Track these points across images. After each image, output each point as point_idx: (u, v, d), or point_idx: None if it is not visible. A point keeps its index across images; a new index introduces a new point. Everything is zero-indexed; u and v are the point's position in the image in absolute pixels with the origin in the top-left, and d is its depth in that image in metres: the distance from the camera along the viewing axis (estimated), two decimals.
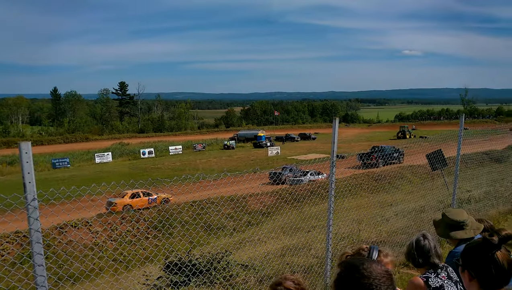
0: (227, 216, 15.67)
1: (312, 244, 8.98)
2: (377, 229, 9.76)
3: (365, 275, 1.55)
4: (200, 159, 56.78)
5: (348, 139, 71.45)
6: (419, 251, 3.05)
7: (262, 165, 43.80)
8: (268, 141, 73.67)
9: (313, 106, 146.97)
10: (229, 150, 70.20)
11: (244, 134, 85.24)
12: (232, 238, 11.28)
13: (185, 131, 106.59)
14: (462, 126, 7.97)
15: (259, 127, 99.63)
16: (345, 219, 9.14)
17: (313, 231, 10.11)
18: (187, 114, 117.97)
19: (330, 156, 5.48)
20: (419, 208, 9.98)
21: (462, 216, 3.34)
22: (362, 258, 1.82)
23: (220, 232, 10.62)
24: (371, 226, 9.95)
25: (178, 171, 41.37)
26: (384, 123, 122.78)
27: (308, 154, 54.98)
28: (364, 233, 9.57)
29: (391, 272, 1.65)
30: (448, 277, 2.93)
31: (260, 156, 57.13)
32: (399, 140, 68.13)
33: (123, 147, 74.65)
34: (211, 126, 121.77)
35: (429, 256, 3.02)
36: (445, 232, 3.36)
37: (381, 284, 1.54)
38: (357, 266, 1.59)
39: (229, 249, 7.54)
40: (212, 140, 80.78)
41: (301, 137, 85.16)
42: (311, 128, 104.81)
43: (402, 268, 6.45)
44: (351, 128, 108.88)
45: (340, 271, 1.63)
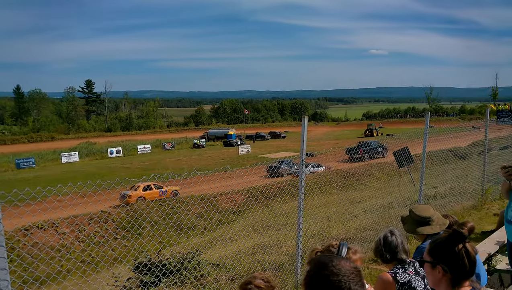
0: (198, 215, 15.57)
1: (283, 241, 9.04)
2: (346, 226, 9.90)
3: (334, 272, 1.56)
4: (170, 157, 56.17)
5: (317, 138, 72.25)
6: (387, 247, 3.10)
7: (232, 163, 43.72)
8: (238, 140, 73.64)
9: (283, 105, 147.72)
10: (199, 148, 69.78)
11: (214, 133, 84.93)
12: (203, 237, 11.22)
13: (153, 130, 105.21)
14: (428, 124, 8.18)
15: (229, 126, 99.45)
16: (315, 216, 9.24)
17: (283, 228, 10.17)
18: (155, 113, 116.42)
19: (300, 154, 5.52)
20: (387, 205, 10.17)
21: (428, 212, 3.43)
22: (331, 255, 1.83)
23: (191, 232, 10.55)
24: (340, 223, 10.09)
25: (147, 170, 40.81)
26: (352, 122, 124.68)
27: (279, 152, 55.24)
28: (334, 230, 9.69)
29: (360, 268, 1.67)
30: (416, 272, 3.00)
31: (231, 154, 57.03)
32: (366, 138, 69.41)
33: (90, 146, 72.94)
34: (180, 125, 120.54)
35: (397, 252, 3.07)
36: (412, 228, 3.44)
37: (350, 281, 1.56)
38: (326, 263, 1.61)
39: (200, 249, 7.49)
40: (181, 139, 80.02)
41: (271, 136, 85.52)
42: (281, 127, 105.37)
43: (371, 264, 6.57)
44: (320, 126, 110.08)
45: (310, 269, 1.64)
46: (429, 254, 2.09)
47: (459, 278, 2.00)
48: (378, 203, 10.59)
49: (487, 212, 9.60)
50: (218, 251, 8.61)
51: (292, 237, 7.67)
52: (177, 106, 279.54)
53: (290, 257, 7.37)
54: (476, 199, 10.24)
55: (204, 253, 7.74)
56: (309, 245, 7.22)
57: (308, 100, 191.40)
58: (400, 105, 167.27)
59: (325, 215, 10.13)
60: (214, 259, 7.27)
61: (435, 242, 2.09)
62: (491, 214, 9.34)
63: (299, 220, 5.55)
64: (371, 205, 10.26)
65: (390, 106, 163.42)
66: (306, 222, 7.86)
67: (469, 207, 9.87)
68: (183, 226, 10.46)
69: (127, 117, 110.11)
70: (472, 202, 10.16)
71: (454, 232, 2.04)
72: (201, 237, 11.08)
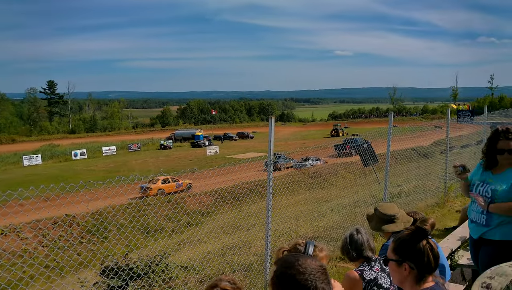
0: (165, 218, 15.39)
1: (252, 242, 9.05)
2: (314, 225, 10.02)
3: (301, 271, 1.58)
4: (136, 159, 55.25)
5: (284, 138, 72.76)
6: (353, 245, 3.15)
7: (200, 164, 43.44)
8: (206, 140, 73.20)
9: (250, 105, 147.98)
10: (166, 149, 68.91)
11: (181, 133, 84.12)
12: (171, 239, 11.10)
13: (119, 131, 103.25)
14: (391, 124, 8.38)
15: (196, 127, 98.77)
16: (283, 215, 9.29)
17: (252, 229, 10.18)
18: (120, 114, 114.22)
19: (267, 154, 5.54)
20: (353, 203, 10.34)
21: (393, 210, 3.52)
22: (297, 254, 1.86)
23: (158, 234, 10.43)
24: (308, 222, 10.20)
25: (113, 173, 40.00)
26: (319, 122, 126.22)
27: (247, 152, 55.30)
28: (302, 229, 9.79)
29: (326, 266, 1.69)
30: (382, 269, 3.06)
31: (199, 155, 56.63)
32: (332, 138, 70.43)
33: (53, 148, 70.66)
34: (146, 125, 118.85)
35: (363, 249, 3.13)
36: (378, 226, 3.52)
37: (316, 279, 1.58)
38: (292, 262, 1.62)
39: (168, 251, 7.41)
40: (147, 140, 78.86)
41: (239, 136, 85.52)
42: (249, 127, 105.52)
43: (339, 262, 6.67)
44: (287, 127, 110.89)
45: (276, 269, 1.65)
46: (394, 252, 2.11)
47: (424, 274, 2.05)
48: (345, 202, 10.76)
49: (450, 209, 9.88)
50: (187, 253, 8.54)
51: (261, 237, 7.69)
52: (142, 107, 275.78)
53: (259, 257, 7.39)
54: (439, 197, 10.53)
55: (172, 255, 7.66)
56: (278, 244, 7.26)
57: (275, 101, 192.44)
58: (365, 106, 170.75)
59: (293, 215, 10.21)
60: (183, 261, 7.20)
61: (400, 240, 2.12)
62: (454, 211, 9.61)
63: (268, 220, 5.58)
64: (338, 203, 10.42)
65: (355, 107, 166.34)
66: (275, 221, 7.90)
67: (432, 204, 10.14)
68: (150, 229, 10.32)
69: (91, 118, 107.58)
70: (435, 199, 10.43)
71: (417, 229, 2.08)
72: (169, 240, 10.95)
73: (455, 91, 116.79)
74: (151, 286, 6.17)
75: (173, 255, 7.95)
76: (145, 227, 8.87)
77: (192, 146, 71.27)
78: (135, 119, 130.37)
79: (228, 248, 8.74)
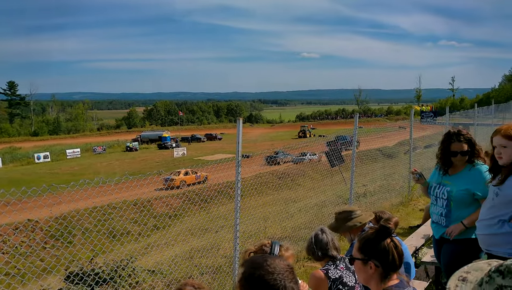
0: (131, 221, 15.13)
1: (220, 244, 9.03)
2: (282, 225, 10.08)
3: (270, 271, 1.59)
4: (101, 162, 54.05)
5: (253, 139, 72.88)
6: (318, 244, 3.20)
7: (168, 166, 42.98)
8: (173, 142, 72.43)
9: (218, 106, 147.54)
10: (132, 152, 67.67)
11: (148, 135, 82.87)
12: (138, 243, 10.93)
13: (83, 133, 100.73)
14: (357, 125, 8.54)
15: (163, 128, 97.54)
16: (252, 217, 9.32)
17: (221, 231, 10.16)
18: (85, 115, 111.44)
19: (235, 156, 5.55)
20: (320, 203, 10.46)
21: (352, 208, 3.63)
22: (264, 255, 1.87)
23: (124, 238, 10.24)
24: (276, 223, 10.26)
25: (77, 176, 39.07)
26: (286, 123, 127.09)
27: (215, 154, 55.08)
28: (270, 230, 9.84)
29: (293, 266, 1.72)
30: (347, 268, 3.12)
31: (166, 157, 56.00)
32: (300, 139, 71.07)
33: (14, 151, 68.31)
34: (111, 127, 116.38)
35: (327, 249, 3.18)
36: (344, 224, 3.59)
37: (285, 279, 1.60)
38: (260, 263, 1.63)
39: (135, 255, 7.30)
40: (113, 142, 77.29)
41: (207, 137, 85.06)
42: (217, 129, 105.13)
43: (307, 262, 6.73)
44: (255, 128, 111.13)
45: (244, 270, 1.65)
46: (360, 251, 2.14)
47: (389, 271, 2.09)
48: (312, 202, 10.88)
49: (414, 208, 10.12)
50: (154, 257, 8.43)
51: (230, 239, 7.69)
52: (108, 109, 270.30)
53: (228, 259, 7.38)
54: (403, 196, 10.77)
55: (139, 259, 7.55)
56: (246, 246, 7.28)
57: (244, 102, 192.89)
58: (331, 107, 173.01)
59: (262, 216, 10.25)
60: (150, 265, 7.11)
61: (364, 239, 2.15)
62: (418, 210, 9.84)
63: (236, 222, 5.58)
64: (306, 204, 10.54)
65: (322, 108, 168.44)
66: (243, 223, 7.91)
67: (397, 204, 10.35)
68: (115, 233, 10.14)
69: (54, 120, 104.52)
70: (400, 198, 10.66)
71: (381, 227, 2.13)
72: (135, 243, 10.79)
73: (418, 93, 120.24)
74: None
75: (140, 259, 7.84)
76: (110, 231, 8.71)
77: (159, 148, 70.33)
78: (100, 121, 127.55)
79: (196, 250, 8.68)
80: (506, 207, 2.94)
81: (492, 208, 3.04)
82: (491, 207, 3.06)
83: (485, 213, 3.12)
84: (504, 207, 2.95)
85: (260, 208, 10.72)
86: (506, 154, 2.94)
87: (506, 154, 2.94)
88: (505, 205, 2.95)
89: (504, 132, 2.96)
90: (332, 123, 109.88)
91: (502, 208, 2.96)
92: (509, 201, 2.92)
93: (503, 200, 2.96)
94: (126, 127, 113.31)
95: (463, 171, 3.69)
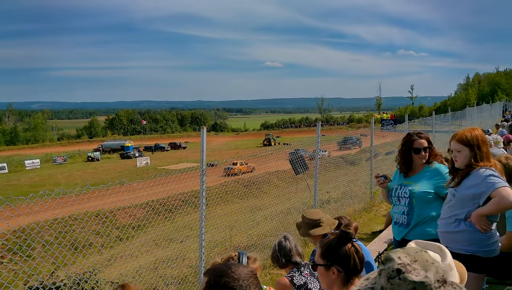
0: (93, 233, 14.72)
1: (186, 254, 8.93)
2: (248, 233, 10.07)
3: (235, 278, 1.60)
4: (62, 172, 52.51)
5: (218, 148, 72.71)
6: (282, 251, 3.24)
7: (130, 176, 42.20)
8: (136, 151, 71.26)
9: (182, 115, 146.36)
10: (93, 162, 66.20)
11: (110, 145, 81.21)
12: (101, 255, 10.66)
13: (43, 143, 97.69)
14: (319, 133, 8.69)
15: (126, 137, 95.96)
16: (218, 226, 9.28)
17: (186, 241, 10.05)
18: (45, 125, 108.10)
19: (200, 164, 5.53)
20: (285, 211, 10.53)
21: (318, 215, 3.68)
22: (227, 263, 1.88)
23: (87, 250, 9.96)
24: (242, 231, 10.24)
25: (37, 187, 37.71)
26: (251, 132, 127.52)
27: (179, 163, 54.47)
28: (236, 238, 9.82)
29: (256, 272, 1.73)
30: (311, 274, 3.16)
31: (129, 167, 55.00)
32: (265, 147, 71.41)
33: None
34: (72, 137, 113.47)
35: (291, 255, 3.22)
36: (305, 231, 3.66)
37: (250, 285, 1.61)
38: (225, 270, 1.63)
39: (98, 267, 7.11)
40: (74, 153, 75.27)
41: (171, 146, 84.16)
42: (181, 138, 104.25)
43: (273, 269, 6.76)
44: (220, 137, 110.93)
45: (209, 279, 1.64)
46: (322, 257, 2.17)
47: (351, 276, 2.13)
48: (278, 209, 10.93)
49: (376, 213, 10.34)
50: (118, 269, 8.23)
51: (195, 249, 7.62)
52: (68, 118, 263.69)
53: (193, 269, 7.32)
54: (365, 202, 11.00)
55: (102, 271, 7.37)
56: (212, 255, 7.23)
57: (208, 111, 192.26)
58: (295, 116, 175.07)
59: (227, 224, 10.21)
60: (114, 277, 6.94)
61: (326, 245, 2.18)
62: (380, 215, 10.06)
63: (201, 231, 5.55)
64: (271, 211, 10.58)
65: (286, 117, 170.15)
66: (209, 232, 7.86)
67: (360, 209, 10.56)
68: (78, 245, 9.86)
69: (12, 130, 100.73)
70: (363, 204, 10.88)
71: (342, 233, 2.18)
72: (98, 255, 10.50)
73: (379, 101, 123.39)
74: None
75: (103, 271, 7.65)
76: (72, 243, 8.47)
77: (122, 157, 69.02)
78: (61, 131, 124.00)
79: (161, 261, 8.54)
80: (462, 206, 3.13)
81: (450, 207, 3.23)
82: (449, 207, 3.24)
83: (445, 212, 3.31)
84: (460, 206, 3.14)
85: (226, 217, 10.68)
86: (461, 158, 3.17)
87: (460, 158, 3.17)
88: (461, 205, 3.13)
89: (458, 137, 3.20)
90: (296, 131, 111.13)
91: (458, 208, 3.15)
92: (464, 201, 3.11)
93: (459, 200, 3.15)
94: (87, 137, 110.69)
95: (423, 170, 3.84)
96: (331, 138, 13.68)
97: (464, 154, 3.14)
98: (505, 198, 2.83)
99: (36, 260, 6.11)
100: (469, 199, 3.07)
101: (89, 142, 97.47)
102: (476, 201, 3.03)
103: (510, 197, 2.82)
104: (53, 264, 6.36)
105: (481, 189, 2.99)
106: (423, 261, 1.20)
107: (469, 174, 3.11)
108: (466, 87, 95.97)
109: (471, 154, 3.12)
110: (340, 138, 18.81)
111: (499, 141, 7.34)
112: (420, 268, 1.18)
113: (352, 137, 15.57)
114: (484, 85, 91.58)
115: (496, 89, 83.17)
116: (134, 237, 13.25)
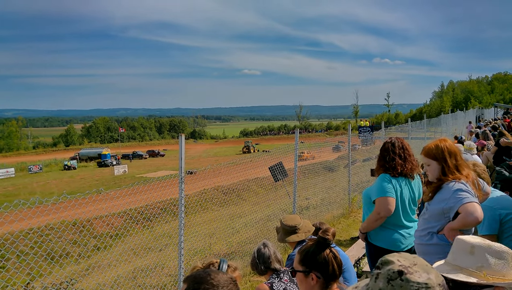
0: (70, 242, 14.46)
1: (165, 262, 8.85)
2: (228, 241, 10.06)
3: (214, 284, 1.60)
4: (38, 181, 51.40)
5: (197, 155, 72.40)
6: (261, 258, 3.26)
7: (108, 184, 41.59)
8: (114, 159, 70.35)
9: (160, 122, 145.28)
10: (70, 170, 65.02)
11: (87, 153, 79.97)
12: (78, 265, 10.48)
13: (17, 152, 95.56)
14: (297, 140, 8.77)
15: (103, 145, 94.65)
16: (197, 233, 9.23)
17: (165, 249, 9.97)
18: (19, 133, 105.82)
19: (178, 172, 5.53)
20: (265, 217, 10.54)
21: (295, 221, 3.73)
22: (207, 269, 1.89)
23: (64, 260, 9.78)
24: (222, 239, 10.22)
25: (11, 197, 36.84)
26: (230, 139, 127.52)
27: (158, 171, 54.00)
28: (216, 246, 9.78)
29: (235, 278, 1.75)
30: (290, 280, 3.19)
31: (106, 175, 54.24)
32: (244, 154, 71.42)
33: None
34: (48, 145, 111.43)
35: (270, 262, 3.25)
36: (283, 237, 3.70)
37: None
38: (204, 277, 1.64)
39: (75, 277, 7.00)
40: (50, 161, 73.92)
41: (150, 154, 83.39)
42: (159, 145, 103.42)
43: (253, 276, 6.77)
44: (199, 144, 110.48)
45: (188, 286, 1.64)
46: (301, 263, 2.18)
47: (330, 282, 2.15)
48: (258, 217, 10.94)
49: (354, 219, 10.43)
50: (96, 278, 8.11)
51: (174, 257, 7.57)
52: (44, 126, 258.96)
53: (173, 278, 7.26)
54: (344, 208, 11.10)
55: (79, 281, 7.26)
56: (192, 263, 7.19)
57: (186, 118, 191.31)
58: (274, 123, 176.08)
59: (207, 232, 10.17)
60: (91, 287, 6.85)
61: (305, 251, 2.20)
62: (358, 221, 10.12)
63: (180, 239, 5.53)
64: (251, 219, 10.58)
65: (265, 124, 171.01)
66: (188, 240, 7.83)
67: (338, 215, 10.64)
68: (54, 254, 9.67)
69: None
70: (341, 210, 10.97)
71: (320, 239, 2.20)
72: (75, 265, 10.33)
73: (356, 109, 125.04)
74: None
75: (81, 281, 7.54)
76: (48, 252, 8.30)
77: (99, 166, 68.03)
78: (36, 139, 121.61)
79: (140, 270, 8.45)
80: (434, 220, 3.13)
81: (424, 220, 3.24)
82: (424, 219, 3.26)
83: (420, 224, 3.33)
84: (433, 220, 3.15)
85: (205, 225, 10.65)
86: (430, 171, 3.17)
87: (430, 171, 3.17)
88: (433, 218, 3.14)
89: (425, 151, 3.19)
90: (275, 138, 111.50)
91: (431, 221, 3.16)
92: (436, 215, 3.12)
93: (432, 214, 3.16)
94: (63, 145, 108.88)
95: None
96: (310, 145, 13.80)
97: (433, 167, 3.13)
98: (471, 214, 2.82)
99: (10, 271, 5.97)
100: (440, 213, 3.08)
101: (65, 151, 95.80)
102: (446, 215, 3.04)
103: (475, 213, 2.81)
104: (28, 274, 6.24)
105: (450, 204, 2.98)
106: (423, 265, 1.23)
107: (441, 187, 3.10)
108: (441, 95, 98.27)
109: (439, 167, 3.10)
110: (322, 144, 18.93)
111: (472, 148, 7.52)
112: (421, 270, 1.20)
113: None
114: (458, 92, 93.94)
115: (469, 96, 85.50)
116: (112, 246, 13.06)
